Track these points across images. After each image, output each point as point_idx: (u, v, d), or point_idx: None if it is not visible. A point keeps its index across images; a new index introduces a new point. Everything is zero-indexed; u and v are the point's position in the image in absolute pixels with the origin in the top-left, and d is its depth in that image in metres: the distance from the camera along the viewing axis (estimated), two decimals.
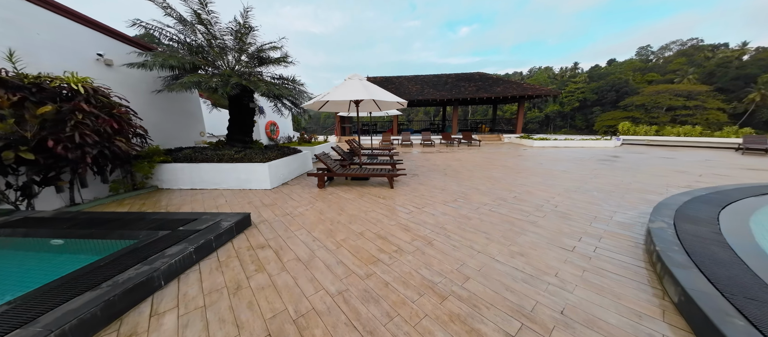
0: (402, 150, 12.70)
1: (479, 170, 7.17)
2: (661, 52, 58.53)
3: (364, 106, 6.99)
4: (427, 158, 9.67)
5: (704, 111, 39.87)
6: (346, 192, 4.99)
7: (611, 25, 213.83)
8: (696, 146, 11.68)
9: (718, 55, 48.71)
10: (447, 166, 7.82)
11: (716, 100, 40.70)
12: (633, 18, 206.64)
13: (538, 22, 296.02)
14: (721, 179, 5.79)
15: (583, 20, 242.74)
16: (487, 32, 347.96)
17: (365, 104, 6.93)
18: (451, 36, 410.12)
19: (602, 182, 5.75)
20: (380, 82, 17.80)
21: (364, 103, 6.79)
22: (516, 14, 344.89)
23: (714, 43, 51.81)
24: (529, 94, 14.72)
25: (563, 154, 10.33)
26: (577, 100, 52.57)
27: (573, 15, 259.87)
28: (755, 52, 45.99)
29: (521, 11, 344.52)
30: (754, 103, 39.08)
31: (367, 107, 7.16)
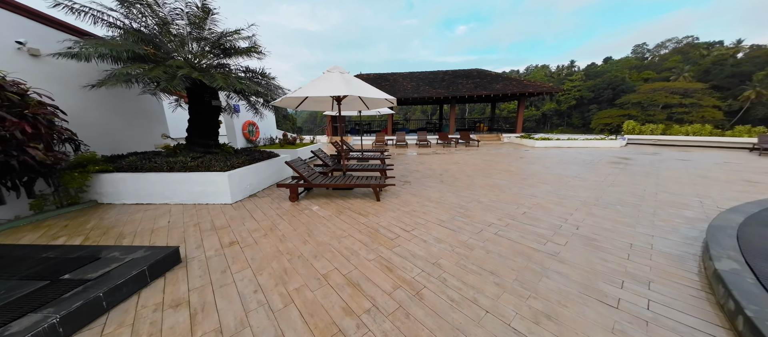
0: (396, 151, 11.82)
1: (480, 176, 6.31)
2: (656, 50, 57.98)
3: (350, 104, 6.07)
4: (422, 161, 8.80)
5: (700, 109, 39.27)
6: (322, 207, 4.10)
7: (607, 23, 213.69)
8: (706, 146, 10.91)
9: (713, 53, 48.19)
10: (444, 171, 6.95)
11: (712, 97, 40.16)
12: (629, 16, 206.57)
13: (536, 21, 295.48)
14: (754, 188, 4.97)
15: (580, 18, 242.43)
16: (485, 30, 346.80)
17: (351, 102, 6.03)
18: (449, 34, 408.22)
19: (622, 191, 4.91)
20: (374, 80, 16.85)
21: (349, 100, 5.88)
22: (513, 12, 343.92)
23: (709, 41, 51.27)
24: (529, 92, 13.86)
25: (569, 156, 9.50)
26: (573, 99, 51.91)
27: (570, 13, 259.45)
28: (750, 50, 45.50)
29: (519, 9, 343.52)
30: (749, 101, 38.60)
31: (353, 106, 6.25)
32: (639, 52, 60.47)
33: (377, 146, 12.96)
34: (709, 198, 4.42)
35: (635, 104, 44.00)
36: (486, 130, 18.66)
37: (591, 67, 60.42)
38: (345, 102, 5.90)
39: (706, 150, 10.32)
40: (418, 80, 16.39)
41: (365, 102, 5.80)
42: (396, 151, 11.65)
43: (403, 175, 6.53)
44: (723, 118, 38.51)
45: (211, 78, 3.96)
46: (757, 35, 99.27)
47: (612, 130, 43.82)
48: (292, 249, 2.81)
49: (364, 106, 6.05)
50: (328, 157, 6.20)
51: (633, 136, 12.96)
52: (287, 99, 4.79)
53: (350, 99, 5.73)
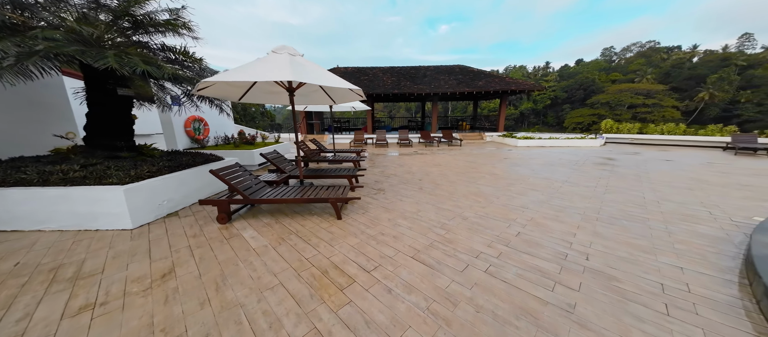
0: (375, 151, 10.84)
1: (464, 181, 5.48)
2: (622, 54, 60.81)
3: (312, 96, 4.99)
4: (401, 162, 7.89)
5: (661, 109, 41.45)
6: (261, 231, 3.06)
7: (580, 26, 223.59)
8: (681, 145, 10.87)
9: (672, 56, 51.15)
10: (424, 175, 6.07)
11: (671, 98, 42.52)
12: (598, 21, 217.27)
13: (514, 22, 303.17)
14: (754, 193, 4.50)
15: (555, 22, 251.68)
16: (466, 30, 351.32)
17: (314, 95, 4.94)
18: (432, 33, 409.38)
19: (621, 199, 4.25)
20: (351, 74, 15.66)
21: (312, 93, 4.80)
22: (493, 13, 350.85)
23: (669, 46, 54.41)
24: (512, 89, 13.35)
25: (553, 157, 8.97)
26: (548, 98, 53.28)
27: (545, 16, 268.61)
28: (704, 55, 48.68)
29: (498, 11, 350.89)
30: (703, 102, 41.16)
31: (317, 99, 5.16)
32: (607, 55, 63.22)
33: (355, 146, 11.92)
34: (716, 208, 3.84)
35: (604, 104, 45.75)
36: (468, 129, 18.12)
37: (564, 68, 62.41)
38: (306, 94, 4.83)
39: (682, 149, 10.23)
40: (399, 75, 15.41)
41: (329, 93, 4.76)
42: (375, 152, 10.68)
43: (378, 181, 5.58)
44: (680, 117, 40.82)
45: (93, 55, 2.75)
46: (709, 41, 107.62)
47: (583, 129, 45.44)
48: (176, 318, 1.77)
49: (331, 99, 5.00)
50: (284, 161, 5.09)
51: (611, 135, 12.83)
52: (219, 86, 3.66)
53: (312, 91, 4.67)
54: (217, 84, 3.51)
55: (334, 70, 16.14)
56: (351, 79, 15.01)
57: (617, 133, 12.77)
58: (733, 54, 44.17)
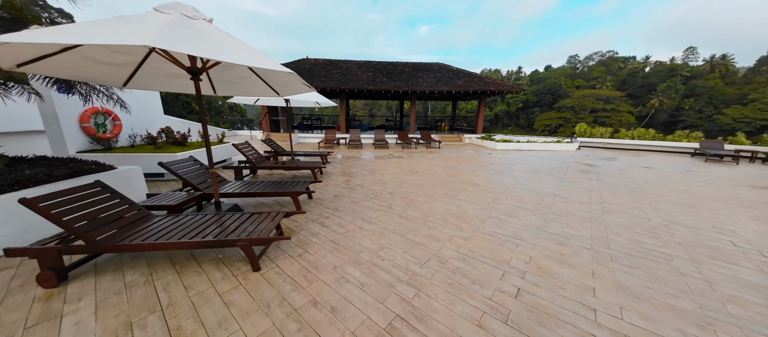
0: (348, 153, 9.63)
1: (442, 195, 4.49)
2: (586, 62, 63.97)
3: (240, 83, 3.57)
4: (374, 167, 6.78)
5: (618, 113, 43.87)
6: (108, 302, 1.82)
7: (548, 35, 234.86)
8: (650, 150, 10.75)
9: (628, 66, 54.45)
10: (397, 186, 5.01)
11: (627, 104, 45.13)
12: (564, 31, 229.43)
13: (489, 28, 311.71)
14: (759, 210, 3.92)
15: (526, 30, 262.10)
16: (445, 32, 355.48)
17: (240, 81, 3.52)
18: (412, 33, 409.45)
19: (626, 223, 3.45)
20: (322, 66, 14.13)
21: (234, 78, 3.43)
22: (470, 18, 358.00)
23: (625, 56, 57.86)
24: (490, 90, 12.69)
25: (534, 161, 8.30)
26: (520, 101, 54.69)
27: (518, 24, 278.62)
28: (654, 65, 52.32)
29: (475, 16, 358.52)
30: (654, 108, 44.06)
31: (248, 88, 3.64)
32: (572, 63, 66.23)
33: (325, 147, 10.61)
34: (735, 235, 3.13)
35: (569, 108, 47.66)
36: (447, 130, 17.39)
37: (535, 73, 64.50)
38: (230, 80, 3.49)
39: (653, 155, 10.07)
40: (375, 71, 14.14)
41: (267, 81, 3.48)
42: (348, 153, 9.46)
43: (339, 195, 4.42)
44: (635, 121, 43.46)
45: None
46: (659, 52, 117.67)
47: (551, 131, 47.08)
48: None
49: (272, 90, 3.72)
50: (198, 172, 3.71)
51: (585, 139, 12.61)
52: (65, 61, 2.32)
53: (241, 77, 3.38)
54: (60, 58, 2.17)
55: (303, 62, 14.51)
56: (321, 71, 13.49)
57: (591, 138, 12.58)
58: (679, 65, 47.68)
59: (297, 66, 13.85)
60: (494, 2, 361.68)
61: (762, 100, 30.48)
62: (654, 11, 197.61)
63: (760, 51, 49.72)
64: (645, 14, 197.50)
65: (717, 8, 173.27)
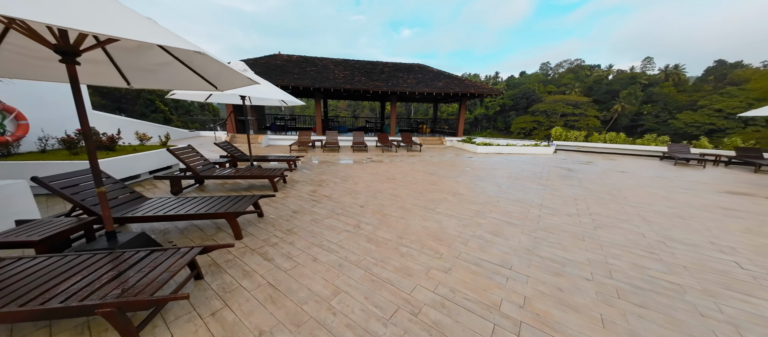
0: (324, 157, 8.84)
1: (420, 208, 3.89)
2: (556, 69, 66.99)
3: (159, 72, 2.70)
4: (347, 174, 6.08)
5: (586, 117, 46.19)
6: None
7: (523, 42, 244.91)
8: (621, 153, 10.92)
9: (594, 73, 57.65)
10: (370, 197, 4.36)
11: (593, 109, 47.64)
12: (538, 39, 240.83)
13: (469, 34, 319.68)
14: (744, 221, 3.69)
15: (503, 36, 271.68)
16: (427, 36, 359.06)
17: (159, 69, 2.65)
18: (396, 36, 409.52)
19: (622, 242, 3.03)
20: (296, 62, 13.01)
21: (142, 65, 2.58)
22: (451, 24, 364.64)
23: (591, 64, 61.28)
24: (471, 92, 12.39)
25: (515, 166, 7.99)
26: (498, 105, 56.16)
27: (495, 31, 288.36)
28: (616, 74, 55.76)
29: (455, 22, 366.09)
30: (617, 113, 46.83)
31: (170, 78, 2.76)
32: (545, 69, 69.13)
33: (298, 150, 9.73)
34: (736, 253, 2.79)
35: (542, 112, 49.56)
36: (429, 133, 17.01)
37: (511, 78, 66.66)
38: (140, 68, 2.65)
39: (625, 158, 10.20)
40: (353, 70, 13.29)
41: (190, 65, 2.67)
42: (324, 157, 8.67)
43: (297, 211, 3.69)
44: (600, 125, 45.96)
45: None
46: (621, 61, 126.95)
47: (526, 133, 48.68)
48: None
49: (209, 83, 2.92)
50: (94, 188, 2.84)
51: (560, 142, 12.67)
52: None
53: (159, 64, 2.56)
54: None
55: (274, 57, 13.40)
56: (294, 68, 12.46)
57: (566, 141, 12.67)
58: (638, 74, 51.08)
59: (267, 62, 12.76)
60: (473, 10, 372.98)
61: (709, 106, 33.17)
62: (616, 24, 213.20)
63: (707, 62, 54.54)
64: (608, 27, 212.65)
65: (671, 24, 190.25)
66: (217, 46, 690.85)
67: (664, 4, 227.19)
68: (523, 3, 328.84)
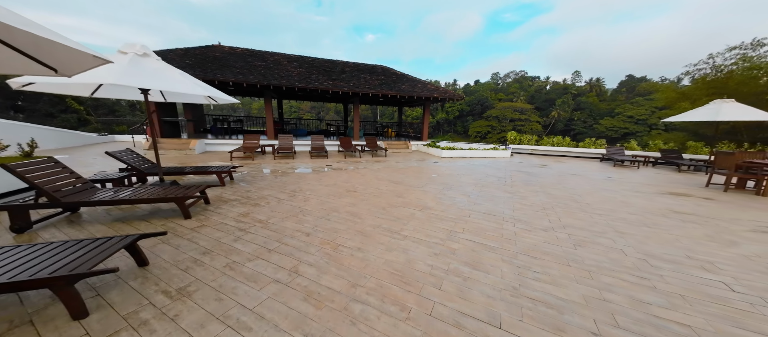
0: (274, 165, 7.57)
1: (383, 231, 3.09)
2: (505, 78, 73.01)
3: None
4: (298, 187, 5.03)
5: (530, 122, 50.99)
6: None
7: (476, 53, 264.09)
8: (568, 156, 11.66)
9: (535, 84, 64.16)
10: (322, 219, 3.43)
11: (535, 115, 52.82)
12: (489, 51, 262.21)
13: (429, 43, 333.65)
14: (702, 228, 3.67)
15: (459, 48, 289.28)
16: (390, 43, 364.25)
17: None
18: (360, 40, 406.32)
19: (607, 266, 2.62)
20: (240, 55, 11.01)
21: None
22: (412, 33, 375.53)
23: (533, 76, 68.19)
24: (434, 96, 12.15)
25: (479, 171, 7.75)
26: (457, 110, 59.01)
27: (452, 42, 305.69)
28: (552, 84, 62.82)
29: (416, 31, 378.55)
30: (554, 118, 52.57)
31: None
32: (495, 79, 74.91)
33: (242, 157, 8.25)
34: (717, 270, 2.56)
35: (495, 118, 53.42)
36: (394, 136, 16.49)
37: (467, 86, 70.80)
38: None
39: (572, 160, 10.85)
40: (310, 67, 11.89)
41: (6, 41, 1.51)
42: (274, 165, 7.40)
43: (212, 248, 2.61)
44: (541, 129, 51.13)
45: None
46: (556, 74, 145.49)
47: (482, 137, 51.91)
48: None
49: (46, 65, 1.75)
50: None
51: (515, 145, 13.17)
52: None
53: None
54: None
55: (213, 48, 11.45)
56: (238, 62, 10.64)
57: (520, 145, 13.22)
58: (569, 85, 58.11)
59: (203, 54, 10.76)
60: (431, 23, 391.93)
61: (624, 113, 38.98)
62: (550, 42, 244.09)
63: (620, 76, 64.63)
64: (544, 44, 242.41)
65: (593, 43, 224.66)
66: (157, 38, 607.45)
67: (587, 28, 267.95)
68: (475, 19, 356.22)
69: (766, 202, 4.80)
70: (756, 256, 2.77)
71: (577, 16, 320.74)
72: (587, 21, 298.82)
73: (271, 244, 2.76)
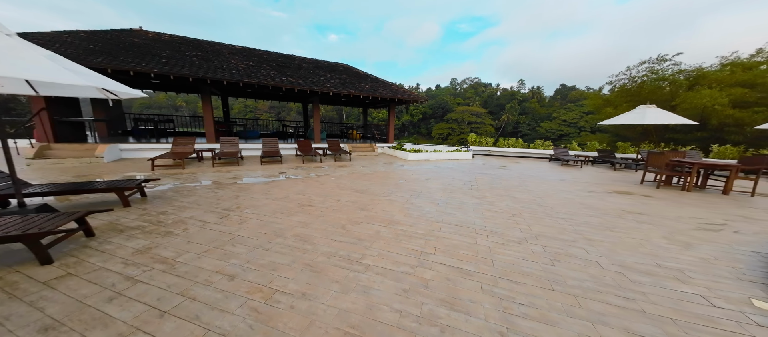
0: (213, 174, 6.27)
1: (340, 260, 2.39)
2: (462, 84, 77.60)
3: None
4: (237, 203, 4.02)
5: (484, 125, 54.86)
6: None
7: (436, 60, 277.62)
8: (522, 156, 12.31)
9: (488, 90, 69.43)
10: (260, 248, 2.58)
11: (489, 119, 57.05)
12: (447, 59, 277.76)
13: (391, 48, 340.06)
14: (658, 227, 3.75)
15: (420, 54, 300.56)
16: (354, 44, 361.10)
17: None
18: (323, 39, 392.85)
19: (586, 279, 2.33)
20: (169, 43, 9.24)
21: None
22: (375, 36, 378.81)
23: (486, 82, 73.73)
24: (399, 98, 11.77)
25: (445, 174, 7.50)
26: (421, 113, 60.67)
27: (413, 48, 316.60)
28: (502, 91, 68.69)
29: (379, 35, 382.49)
30: (504, 122, 57.36)
31: None
32: (453, 84, 79.18)
33: (172, 165, 6.71)
34: (690, 280, 2.45)
35: (454, 120, 56.28)
36: (359, 139, 15.76)
37: (429, 90, 73.48)
38: None
39: (525, 160, 11.46)
40: (260, 61, 10.50)
41: None
42: (213, 175, 6.11)
43: (69, 312, 1.63)
44: (494, 132, 55.43)
45: None
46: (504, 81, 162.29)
47: (443, 138, 54.21)
48: None
49: None
50: None
51: (475, 147, 13.55)
52: None
53: None
54: None
55: (131, 33, 9.43)
56: (165, 50, 8.80)
57: (480, 146, 13.65)
58: (516, 92, 64.01)
59: (116, 38, 8.72)
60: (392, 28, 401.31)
61: (559, 117, 44.18)
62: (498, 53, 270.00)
63: (556, 85, 73.42)
64: (493, 54, 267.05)
65: (534, 55, 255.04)
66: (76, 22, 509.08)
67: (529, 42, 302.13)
68: (433, 28, 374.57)
69: (693, 197, 5.35)
70: (714, 259, 2.77)
71: (520, 31, 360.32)
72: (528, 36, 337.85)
73: (169, 301, 1.86)
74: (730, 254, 2.87)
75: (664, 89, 12.18)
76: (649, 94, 12.17)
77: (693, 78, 11.82)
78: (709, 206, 4.69)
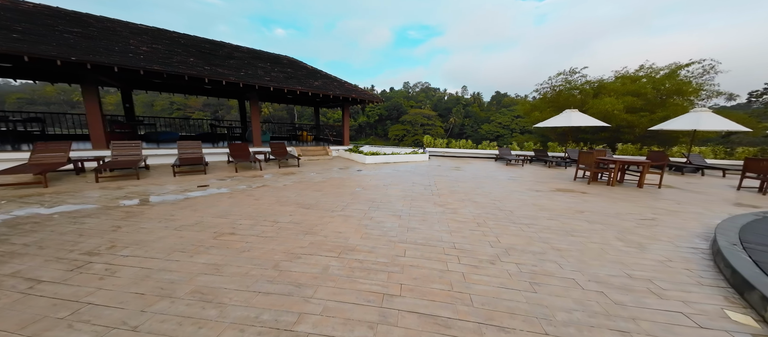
0: (90, 196, 4.41)
1: None
2: (414, 88, 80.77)
3: None
4: (116, 236, 2.62)
5: (435, 127, 58.04)
6: None
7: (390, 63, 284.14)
8: (472, 156, 12.81)
9: (437, 94, 73.86)
10: (132, 316, 1.45)
11: (439, 121, 60.61)
12: (399, 63, 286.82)
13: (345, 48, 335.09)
14: (609, 230, 3.82)
15: (374, 56, 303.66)
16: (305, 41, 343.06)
17: None
18: (268, 33, 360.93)
19: (575, 309, 1.94)
20: (31, 13, 6.52)
21: None
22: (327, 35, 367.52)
23: (435, 87, 78.29)
24: (353, 97, 10.89)
25: (405, 179, 6.98)
26: (377, 115, 60.70)
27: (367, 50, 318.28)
28: (449, 96, 73.90)
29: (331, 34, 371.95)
30: (452, 124, 61.68)
31: None
32: (406, 88, 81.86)
33: (28, 181, 4.52)
34: (664, 293, 2.30)
35: (409, 122, 58.05)
36: (311, 141, 14.29)
37: (384, 92, 74.21)
38: None
39: (476, 161, 11.91)
40: (172, 44, 8.32)
41: None
42: (92, 195, 4.27)
43: None
44: (443, 133, 59.13)
45: None
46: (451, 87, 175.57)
47: (399, 139, 55.35)
48: None
49: None
50: None
51: (430, 148, 13.63)
52: None
53: None
54: None
55: None
56: (24, 24, 6.20)
57: (435, 148, 13.80)
58: (461, 97, 69.52)
59: None
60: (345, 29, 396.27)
61: (495, 120, 49.45)
62: (444, 60, 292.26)
63: (492, 91, 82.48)
64: (440, 61, 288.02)
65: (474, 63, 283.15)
66: None
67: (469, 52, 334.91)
68: (385, 32, 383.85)
69: (619, 192, 5.95)
70: (668, 261, 2.76)
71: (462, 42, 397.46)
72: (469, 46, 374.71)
73: None
74: (678, 253, 2.93)
75: (576, 97, 14.31)
76: (564, 102, 14.11)
77: (596, 88, 14.16)
78: (635, 200, 5.21)
